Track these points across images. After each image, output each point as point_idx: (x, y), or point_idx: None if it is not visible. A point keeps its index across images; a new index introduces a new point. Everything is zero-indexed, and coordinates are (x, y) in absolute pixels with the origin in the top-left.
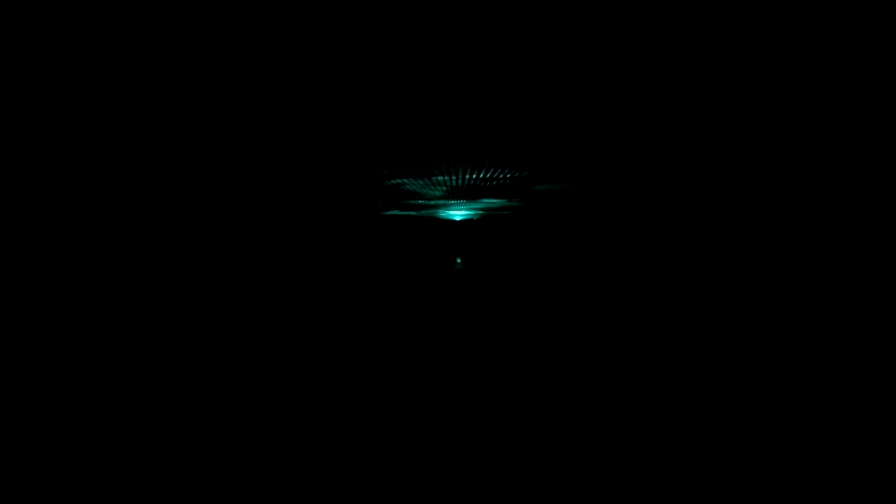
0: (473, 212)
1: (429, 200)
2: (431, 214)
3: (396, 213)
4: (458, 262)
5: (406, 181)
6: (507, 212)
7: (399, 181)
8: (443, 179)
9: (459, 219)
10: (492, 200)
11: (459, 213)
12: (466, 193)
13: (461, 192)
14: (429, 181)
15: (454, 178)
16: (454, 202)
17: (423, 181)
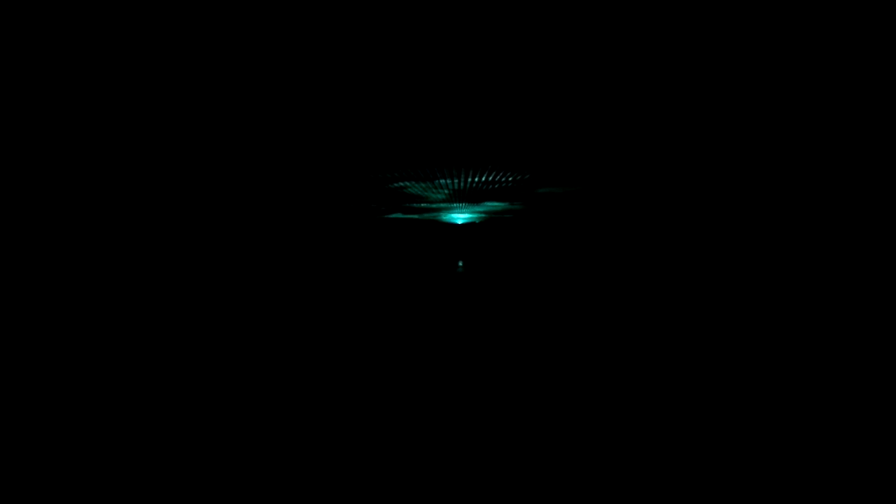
0: (476, 215)
1: (431, 204)
2: (434, 217)
3: (399, 216)
4: (461, 265)
5: (409, 184)
6: (510, 215)
7: (402, 184)
8: (446, 183)
9: (461, 222)
10: (494, 204)
11: (462, 217)
12: (469, 197)
13: (464, 196)
14: (431, 185)
15: (457, 182)
16: (457, 205)
17: (426, 184)
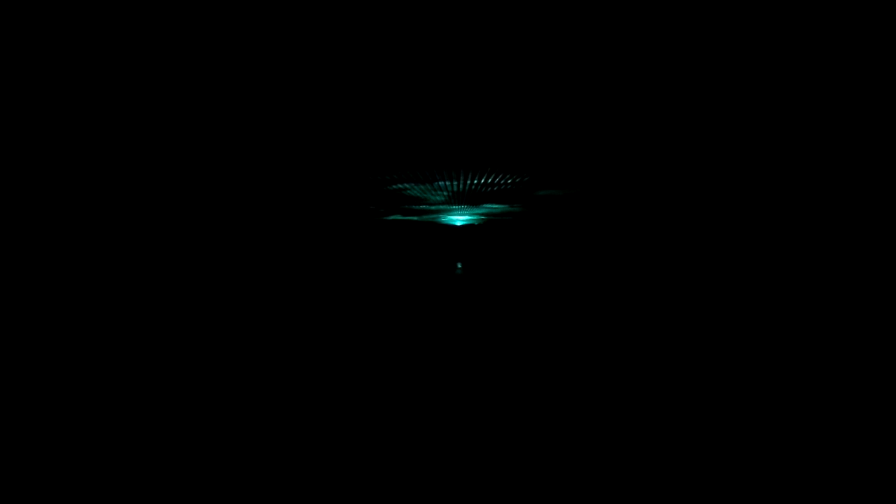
0: (475, 217)
1: (430, 206)
2: (433, 220)
3: (398, 218)
4: (459, 268)
5: (408, 186)
6: (509, 217)
7: (402, 186)
8: (445, 185)
9: (460, 224)
10: (493, 206)
11: (461, 219)
12: (468, 199)
13: (463, 198)
14: (431, 187)
15: (456, 184)
16: (456, 207)
17: (426, 186)
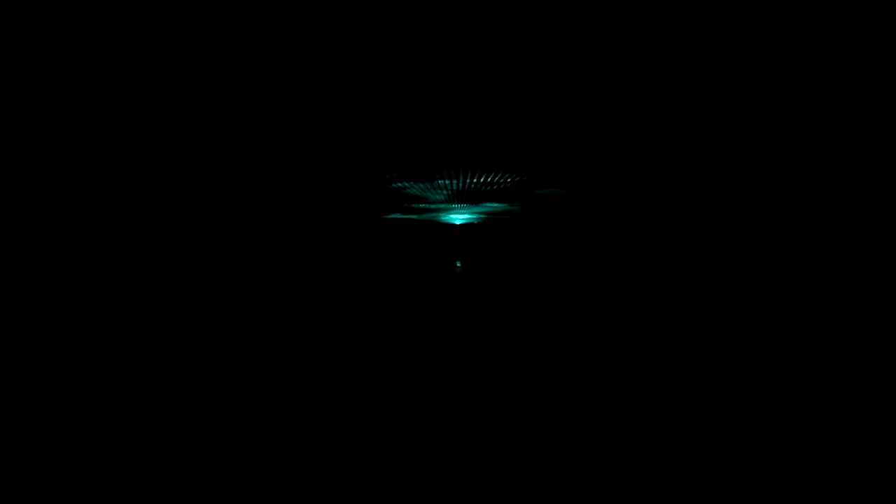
0: (475, 216)
1: (430, 204)
2: (433, 218)
3: (398, 217)
4: (458, 266)
5: (408, 185)
6: (509, 216)
7: (402, 185)
8: (445, 183)
9: (460, 223)
10: (493, 204)
11: (460, 217)
12: (468, 197)
13: (463, 197)
14: (430, 185)
15: (456, 183)
16: (456, 206)
17: (425, 185)
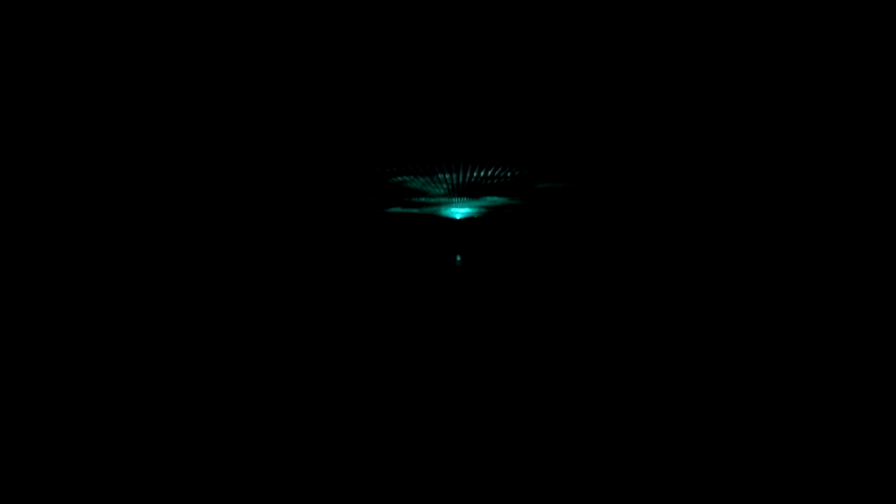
0: (475, 210)
1: (430, 198)
2: (433, 212)
3: (398, 211)
4: (458, 260)
5: (409, 178)
6: (509, 210)
7: (403, 178)
8: (445, 177)
9: (460, 216)
10: (494, 198)
11: (461, 211)
12: (468, 191)
13: (463, 190)
14: (430, 179)
15: (457, 177)
16: (456, 200)
17: (426, 179)
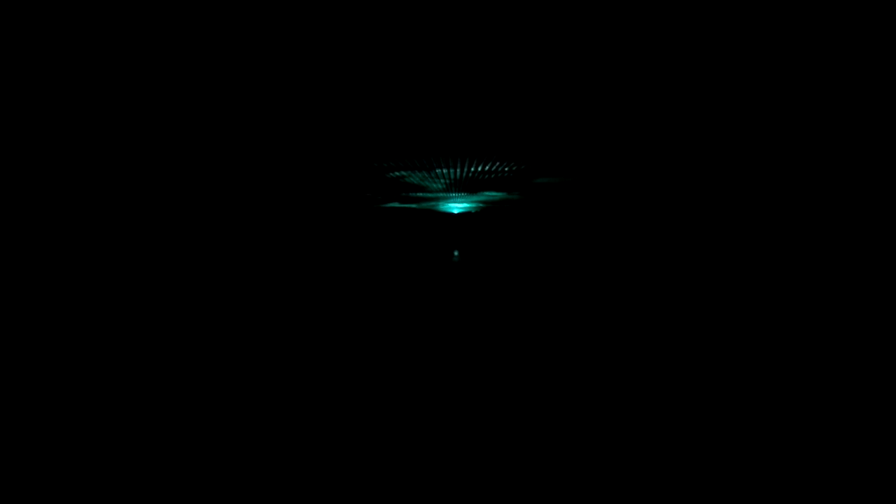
0: (472, 205)
1: (428, 193)
2: (431, 207)
3: (395, 206)
4: (456, 255)
5: (407, 173)
6: (507, 205)
7: (400, 173)
8: (442, 172)
9: (458, 212)
10: (491, 193)
11: (459, 206)
12: (466, 186)
13: (461, 185)
14: (427, 174)
15: (455, 171)
16: (454, 195)
17: (424, 173)
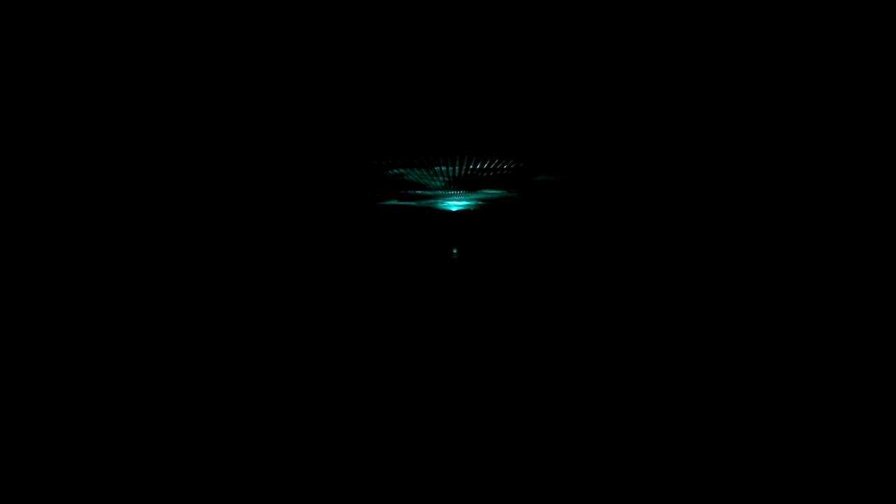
0: (472, 202)
1: (427, 191)
2: (430, 205)
3: (395, 203)
4: (455, 253)
5: (406, 171)
6: (506, 203)
7: (399, 171)
8: (442, 170)
9: (457, 209)
10: (491, 191)
11: (458, 204)
12: (466, 184)
13: (461, 183)
14: (426, 172)
15: (454, 169)
16: (453, 193)
17: (423, 171)
